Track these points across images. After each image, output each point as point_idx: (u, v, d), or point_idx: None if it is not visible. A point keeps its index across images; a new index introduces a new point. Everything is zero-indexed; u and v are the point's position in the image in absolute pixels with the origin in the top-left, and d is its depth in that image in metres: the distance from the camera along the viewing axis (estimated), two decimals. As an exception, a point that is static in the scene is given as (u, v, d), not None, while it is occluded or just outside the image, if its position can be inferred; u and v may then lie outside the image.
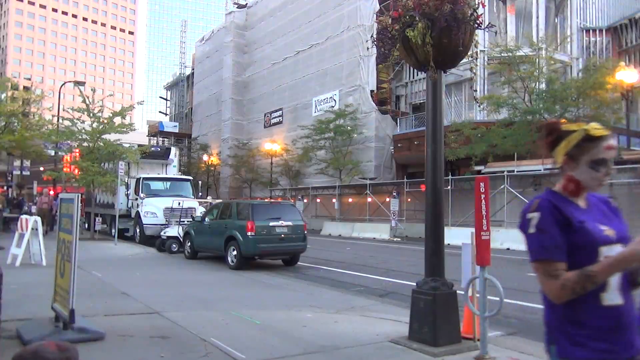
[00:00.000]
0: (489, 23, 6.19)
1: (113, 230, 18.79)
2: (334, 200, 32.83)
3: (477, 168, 24.53)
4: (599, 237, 1.81)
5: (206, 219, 13.45)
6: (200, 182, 28.67)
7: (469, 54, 5.23)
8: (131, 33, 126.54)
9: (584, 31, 32.20)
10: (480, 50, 28.25)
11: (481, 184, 4.93)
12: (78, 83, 29.12)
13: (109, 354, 4.68)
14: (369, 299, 8.25)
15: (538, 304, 8.07)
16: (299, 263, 12.89)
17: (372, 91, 34.37)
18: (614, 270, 1.73)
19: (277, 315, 6.67)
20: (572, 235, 1.80)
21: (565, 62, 30.26)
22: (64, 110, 23.32)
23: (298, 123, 37.91)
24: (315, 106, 38.15)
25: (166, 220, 16.52)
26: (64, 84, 30.47)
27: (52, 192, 24.07)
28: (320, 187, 34.52)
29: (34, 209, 26.12)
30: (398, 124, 33.72)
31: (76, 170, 21.07)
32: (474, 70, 28.66)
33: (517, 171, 21.84)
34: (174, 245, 14.89)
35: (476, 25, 5.05)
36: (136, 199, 18.65)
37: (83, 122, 20.80)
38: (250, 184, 42.91)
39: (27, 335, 4.94)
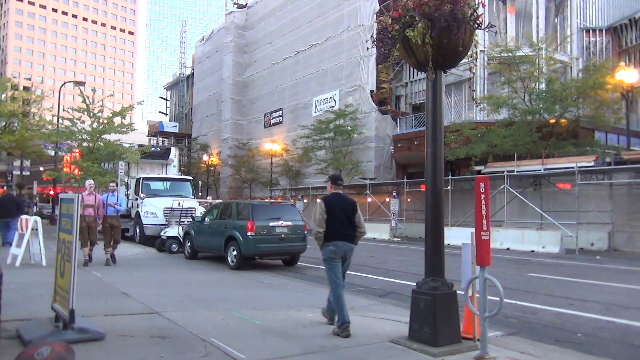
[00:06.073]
0: (489, 23, 6.18)
1: (113, 231, 18.76)
2: (334, 200, 32.73)
3: (477, 168, 24.52)
4: None
5: (206, 219, 13.44)
6: (200, 182, 28.64)
7: (468, 54, 5.23)
8: (131, 33, 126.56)
9: (584, 31, 32.17)
10: (480, 50, 28.25)
11: (481, 184, 4.93)
12: (78, 83, 29.17)
13: (109, 354, 4.67)
14: (369, 299, 8.24)
15: (538, 304, 8.13)
16: (299, 263, 12.89)
17: (372, 91, 34.34)
18: None
19: (277, 315, 6.66)
20: None
21: (565, 62, 30.24)
22: (64, 110, 23.36)
23: (298, 123, 37.92)
24: (315, 106, 38.13)
25: (166, 221, 16.52)
26: (64, 84, 30.53)
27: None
28: (320, 187, 34.45)
29: (34, 209, 26.13)
30: (398, 124, 33.69)
31: (76, 170, 21.09)
32: (474, 71, 28.72)
33: (517, 171, 21.82)
34: (174, 245, 14.89)
35: (476, 25, 5.05)
36: (136, 199, 18.64)
37: (83, 122, 20.83)
38: (250, 184, 42.92)
39: (27, 335, 4.93)
